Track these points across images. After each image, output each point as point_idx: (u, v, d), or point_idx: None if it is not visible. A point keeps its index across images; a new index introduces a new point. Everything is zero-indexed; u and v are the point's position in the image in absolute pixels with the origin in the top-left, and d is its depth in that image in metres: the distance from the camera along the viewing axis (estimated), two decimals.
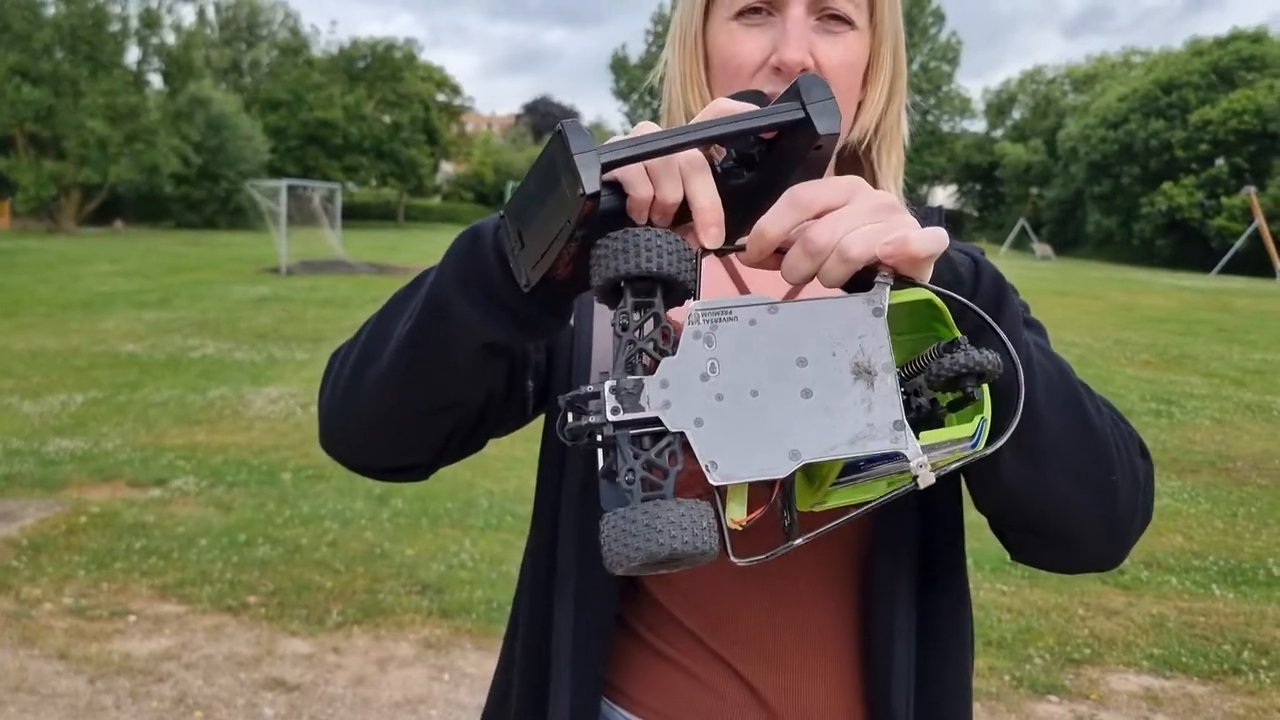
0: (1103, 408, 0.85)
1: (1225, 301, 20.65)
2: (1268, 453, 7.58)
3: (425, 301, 0.81)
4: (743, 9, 0.95)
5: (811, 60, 0.93)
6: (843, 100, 0.96)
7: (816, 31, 0.94)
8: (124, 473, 6.08)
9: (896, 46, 1.01)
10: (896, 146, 1.05)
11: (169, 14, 45.52)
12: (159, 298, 15.15)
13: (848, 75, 0.95)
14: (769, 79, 0.94)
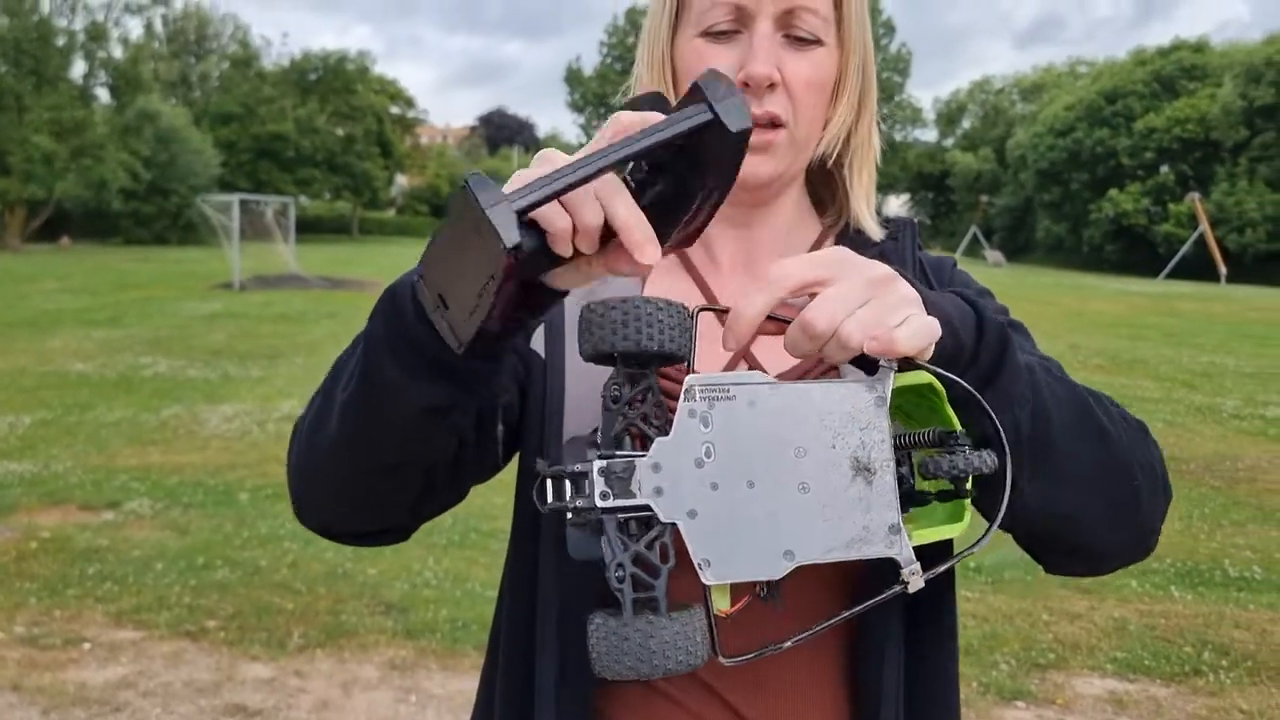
0: (1111, 410, 0.85)
1: (1172, 305, 21.08)
2: (1219, 454, 7.72)
3: (359, 367, 0.78)
4: (710, 26, 0.96)
5: (778, 75, 0.93)
6: (811, 116, 0.97)
7: (784, 48, 0.94)
8: (75, 496, 5.94)
9: (865, 63, 1.01)
10: (869, 164, 1.05)
11: (116, 27, 45.06)
12: (109, 315, 14.87)
13: (816, 92, 0.96)
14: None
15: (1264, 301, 23.22)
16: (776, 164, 0.97)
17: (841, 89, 1.00)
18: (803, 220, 1.08)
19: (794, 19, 0.93)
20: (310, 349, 11.96)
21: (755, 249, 1.05)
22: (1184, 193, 40.75)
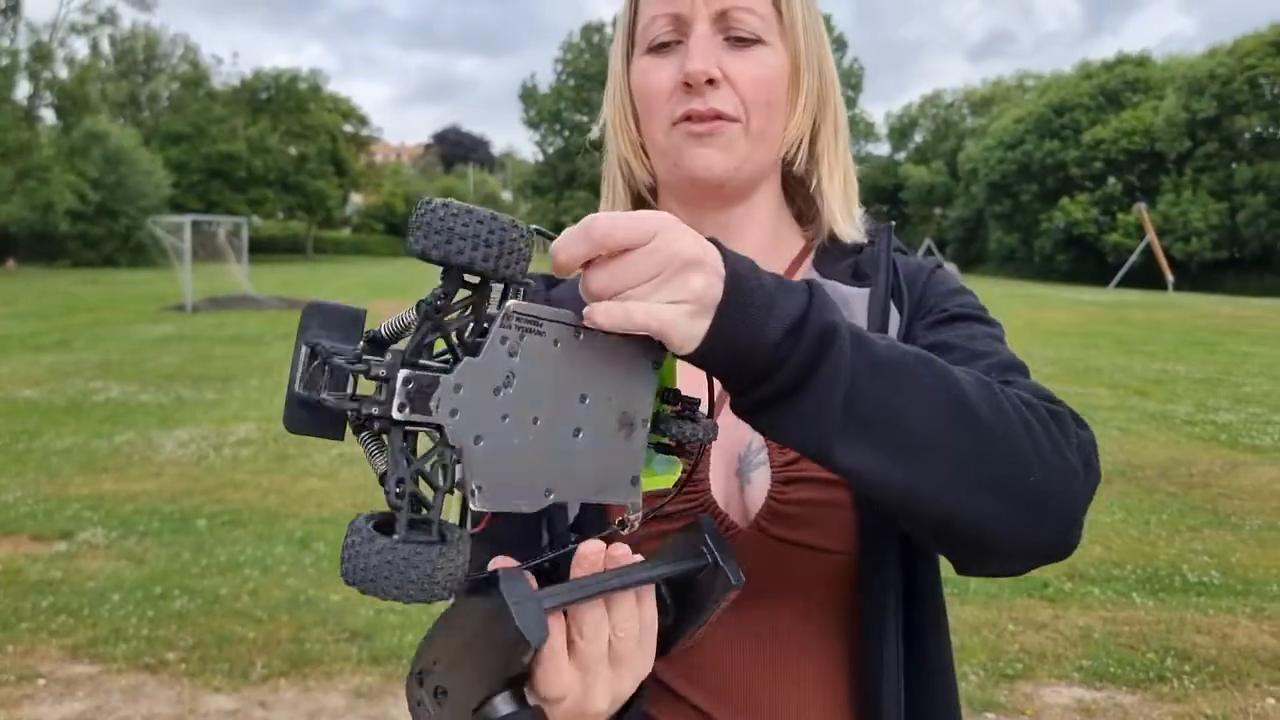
0: (1006, 402, 0.76)
1: (1123, 314, 21.47)
2: (1173, 460, 7.85)
3: None
4: (653, 41, 0.97)
5: (718, 71, 0.93)
6: (764, 113, 0.97)
7: (726, 49, 0.95)
8: (26, 526, 5.79)
9: (821, 66, 1.01)
10: (840, 169, 1.05)
11: (61, 47, 44.33)
12: (57, 339, 14.58)
13: (764, 89, 0.96)
14: (680, 99, 0.95)
15: (1210, 309, 23.72)
16: (729, 157, 0.96)
17: (796, 89, 1.00)
18: (782, 234, 1.07)
19: (730, 20, 0.95)
20: (265, 370, 11.80)
21: None
22: (1131, 203, 41.59)
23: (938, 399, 0.72)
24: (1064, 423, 0.79)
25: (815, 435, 0.70)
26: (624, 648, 0.70)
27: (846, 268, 1.02)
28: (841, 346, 0.69)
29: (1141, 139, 43.15)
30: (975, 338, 0.93)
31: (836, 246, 1.05)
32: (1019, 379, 0.85)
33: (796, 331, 0.68)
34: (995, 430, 0.73)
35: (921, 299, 0.99)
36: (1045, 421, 0.77)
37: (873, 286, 0.98)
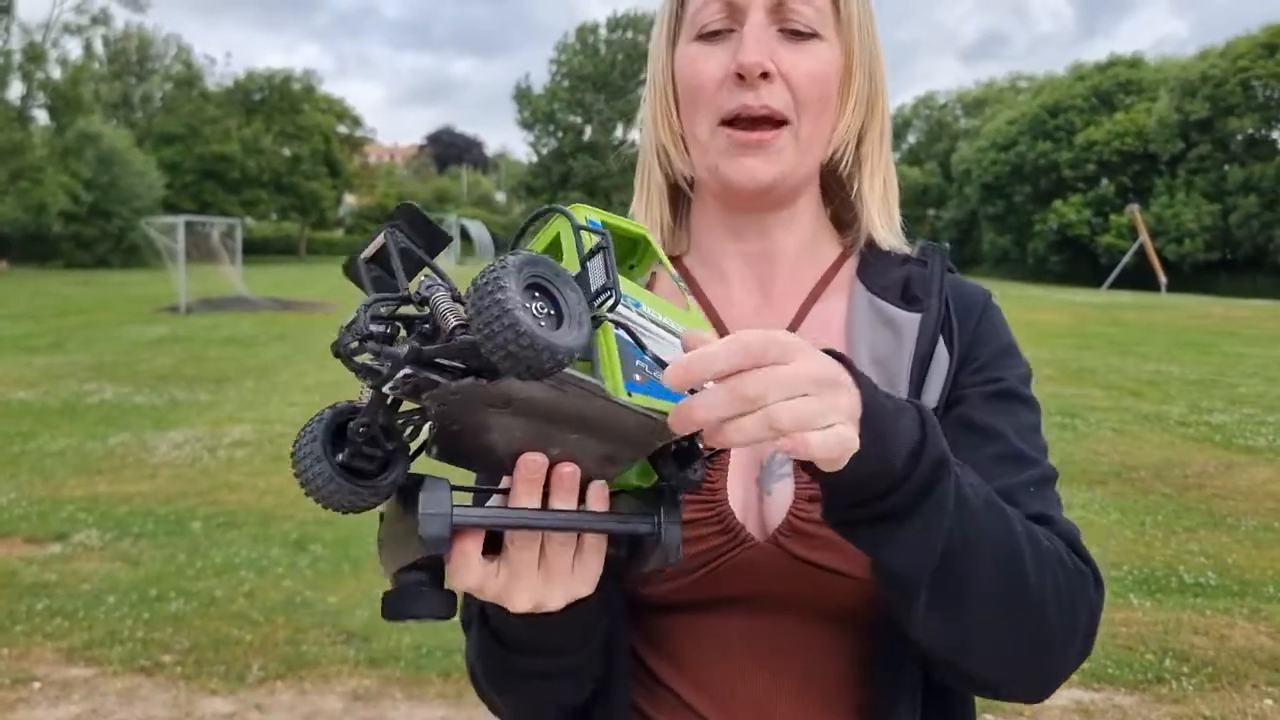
0: (1049, 555, 0.81)
1: (1116, 315, 21.51)
2: (1168, 461, 7.86)
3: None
4: (703, 28, 0.93)
5: (771, 65, 0.90)
6: (815, 114, 0.93)
7: (781, 41, 0.91)
8: (20, 528, 5.77)
9: (873, 67, 0.98)
10: (880, 174, 1.01)
11: (54, 48, 44.22)
12: (50, 341, 14.53)
13: (818, 85, 0.92)
14: (730, 91, 0.91)
15: (1203, 310, 23.78)
16: (779, 166, 0.92)
17: (848, 88, 0.96)
18: (820, 240, 1.03)
19: (787, 10, 0.91)
20: (260, 372, 11.77)
21: (770, 269, 1.01)
22: (1124, 204, 41.64)
23: (1000, 554, 0.77)
24: (1085, 587, 0.84)
25: (915, 562, 0.72)
26: (555, 565, 0.71)
27: (895, 285, 0.98)
28: (950, 478, 0.72)
29: (1134, 140, 43.22)
30: (1021, 430, 0.92)
31: (879, 257, 1.02)
32: (1055, 512, 0.88)
33: (917, 456, 0.71)
34: (1033, 596, 0.78)
35: (973, 345, 0.95)
36: (1071, 589, 0.81)
37: (924, 313, 0.94)
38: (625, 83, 59.98)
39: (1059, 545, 0.83)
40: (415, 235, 0.67)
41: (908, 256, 1.02)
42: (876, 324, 0.95)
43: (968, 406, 0.92)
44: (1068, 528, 0.87)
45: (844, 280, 1.01)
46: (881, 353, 0.93)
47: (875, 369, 0.91)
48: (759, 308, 0.99)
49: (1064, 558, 0.82)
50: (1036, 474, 0.89)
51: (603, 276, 0.66)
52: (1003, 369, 0.95)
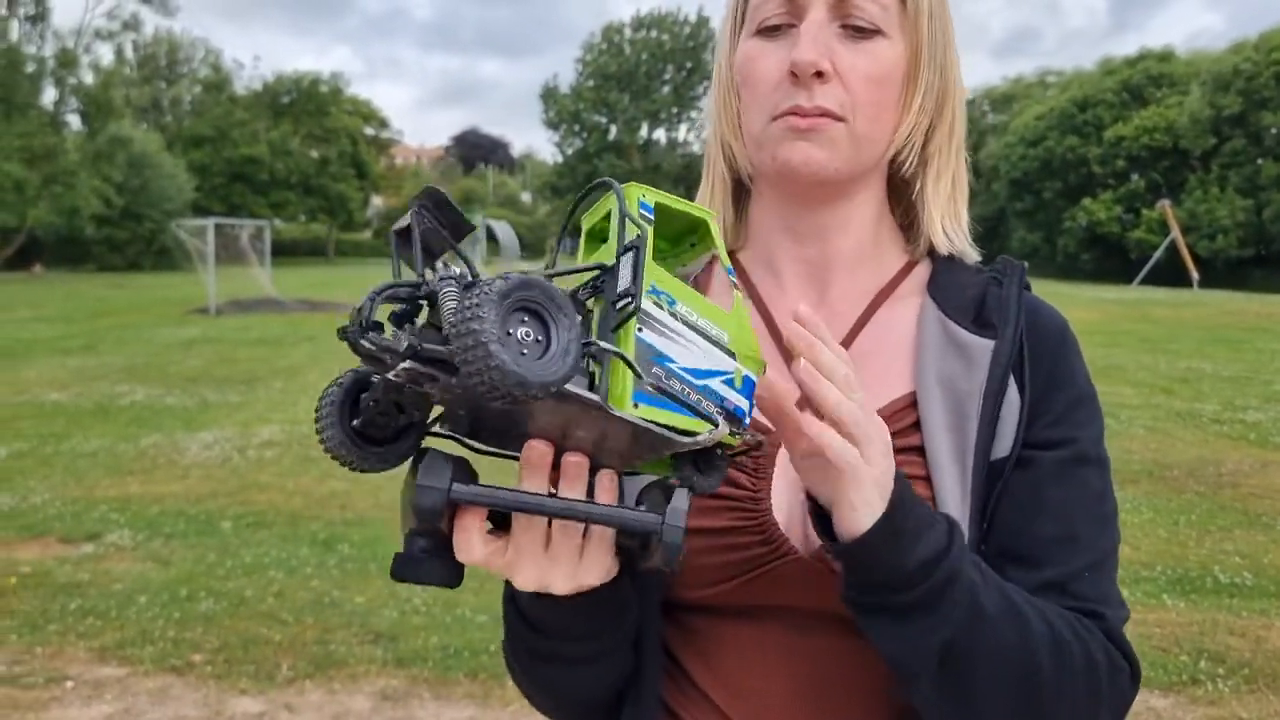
0: (1071, 669, 0.81)
1: (1147, 312, 21.26)
2: (1201, 459, 7.76)
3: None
4: (763, 22, 0.91)
5: (828, 64, 0.87)
6: (874, 113, 0.90)
7: (841, 39, 0.88)
8: (54, 529, 5.84)
9: (944, 62, 0.94)
10: (948, 174, 0.98)
11: (86, 53, 44.75)
12: (83, 343, 14.70)
13: (875, 87, 0.89)
14: (785, 90, 0.89)
15: (1237, 306, 23.46)
16: (830, 155, 0.89)
17: (913, 86, 0.92)
18: (883, 244, 1.00)
19: (850, 7, 0.88)
20: (289, 373, 11.85)
21: (826, 271, 0.98)
22: (1155, 200, 41.17)
23: (1014, 669, 0.79)
24: (1116, 686, 0.84)
25: (907, 661, 0.77)
26: (559, 550, 0.73)
27: (968, 306, 0.94)
28: (959, 598, 0.76)
29: (1164, 135, 42.72)
30: (1088, 502, 0.89)
31: (951, 269, 0.98)
32: (1109, 597, 0.88)
33: (931, 566, 0.75)
34: (1047, 705, 0.80)
35: (1048, 390, 0.91)
36: (1096, 694, 0.82)
37: (998, 341, 0.90)
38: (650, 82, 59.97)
39: (1095, 646, 0.83)
40: (441, 218, 0.67)
41: (981, 269, 0.98)
42: (946, 346, 0.91)
43: (1037, 473, 0.88)
44: (1116, 619, 0.87)
45: (910, 289, 0.98)
46: (951, 378, 0.90)
47: (944, 393, 0.89)
48: (815, 309, 0.97)
49: (1095, 660, 0.83)
50: (1095, 557, 0.88)
51: (629, 279, 0.66)
52: (1077, 426, 0.90)
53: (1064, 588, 0.85)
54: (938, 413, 0.88)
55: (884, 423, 0.75)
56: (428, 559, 0.71)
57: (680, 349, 0.68)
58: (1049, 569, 0.86)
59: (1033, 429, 0.89)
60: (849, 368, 0.73)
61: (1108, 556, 0.90)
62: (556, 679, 0.89)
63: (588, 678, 0.88)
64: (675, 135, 63.25)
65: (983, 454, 0.86)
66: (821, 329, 0.73)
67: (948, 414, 0.88)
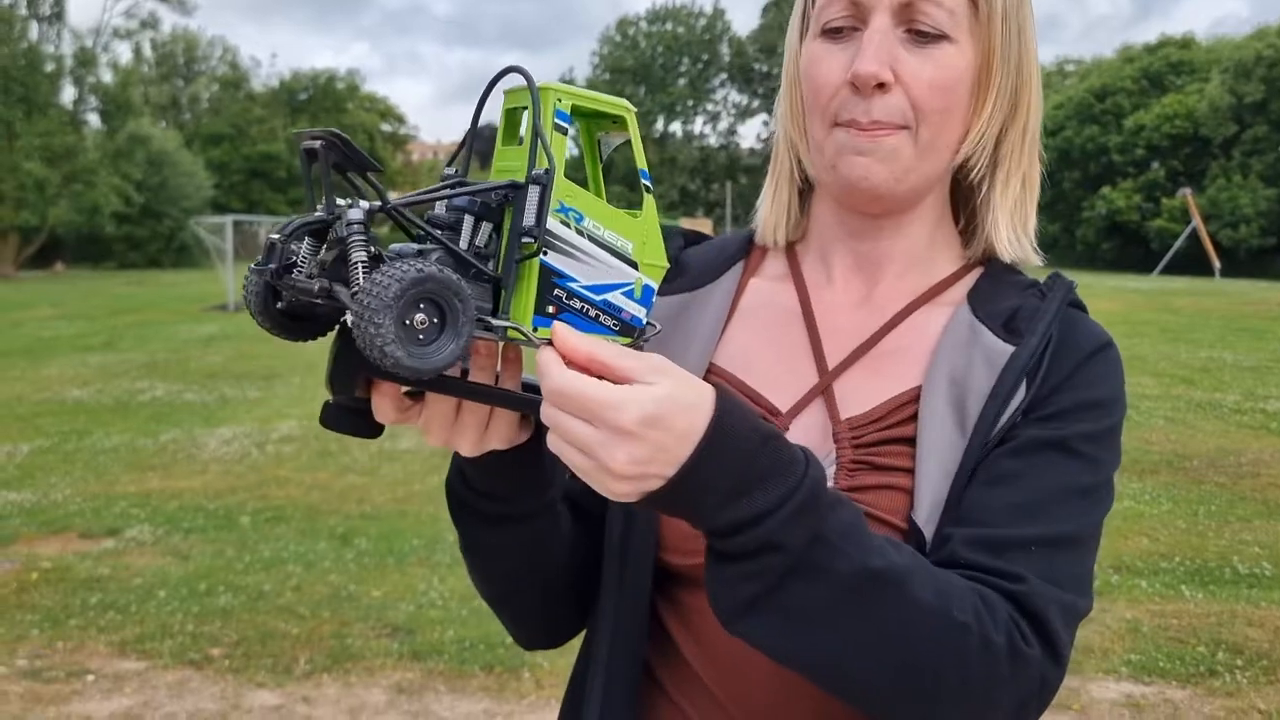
0: (953, 638, 0.74)
1: (1167, 301, 21.09)
2: (1221, 450, 7.70)
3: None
4: (827, 24, 0.89)
5: (889, 74, 0.85)
6: (935, 122, 0.88)
7: (906, 45, 0.86)
8: (75, 524, 5.90)
9: (1020, 61, 0.91)
10: (1018, 176, 0.95)
11: (104, 52, 45.02)
12: (104, 341, 14.82)
13: (940, 95, 0.87)
14: (845, 99, 0.88)
15: (1259, 295, 23.24)
16: (890, 169, 0.88)
17: (985, 92, 0.90)
18: (938, 249, 0.98)
19: (915, 12, 0.85)
20: (307, 368, 11.91)
21: (875, 268, 0.98)
22: (1175, 189, 40.81)
23: (878, 630, 0.73)
24: (1019, 667, 0.76)
25: (723, 599, 0.75)
26: (466, 420, 0.79)
27: (1005, 312, 0.91)
28: (775, 562, 0.71)
29: (1185, 123, 42.32)
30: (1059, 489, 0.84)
31: (1000, 281, 0.96)
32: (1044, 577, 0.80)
33: (744, 530, 0.71)
34: (922, 668, 0.75)
35: (1055, 391, 0.87)
36: (994, 672, 0.75)
37: (1019, 347, 0.88)
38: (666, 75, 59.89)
39: (994, 625, 0.76)
40: (349, 153, 0.68)
41: (1031, 282, 0.96)
42: (970, 347, 0.90)
43: (1010, 447, 0.85)
44: (1048, 595, 0.79)
45: (955, 295, 0.96)
46: (963, 376, 0.88)
47: (951, 389, 0.88)
48: (855, 306, 0.98)
49: (991, 640, 0.75)
50: (1048, 534, 0.82)
51: (533, 217, 0.69)
52: (1070, 422, 0.86)
53: (998, 548, 0.80)
54: (940, 408, 0.87)
55: (648, 405, 0.68)
56: (351, 414, 0.78)
57: (584, 267, 0.72)
58: (990, 529, 0.81)
59: (1024, 420, 0.86)
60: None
61: (1068, 541, 0.83)
62: (480, 538, 0.93)
63: (507, 541, 0.92)
64: (691, 128, 63.20)
65: (975, 451, 0.85)
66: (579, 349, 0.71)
67: (950, 409, 0.87)
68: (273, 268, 0.69)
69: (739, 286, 1.03)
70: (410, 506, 6.15)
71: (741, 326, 1.00)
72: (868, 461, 0.88)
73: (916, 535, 0.83)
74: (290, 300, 0.72)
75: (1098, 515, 0.86)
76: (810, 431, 0.91)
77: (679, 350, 0.97)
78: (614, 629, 0.94)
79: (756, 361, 0.97)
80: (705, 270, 1.04)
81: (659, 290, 0.93)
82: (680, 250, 1.07)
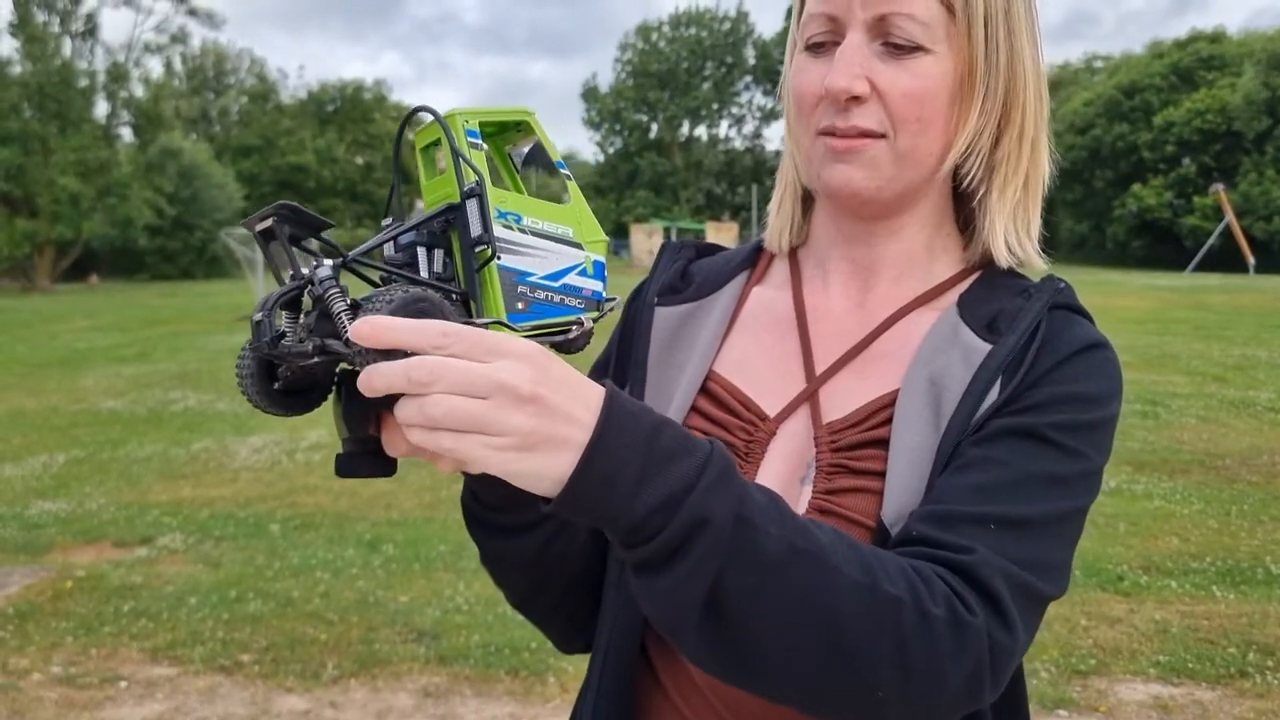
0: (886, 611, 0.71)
1: (1201, 299, 20.85)
2: (1255, 448, 7.60)
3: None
4: (809, 39, 0.92)
5: (865, 86, 0.86)
6: (913, 131, 0.88)
7: (882, 57, 0.87)
8: (109, 533, 5.99)
9: (1011, 64, 0.91)
10: (1018, 178, 0.95)
11: (136, 67, 45.69)
12: (138, 352, 15.03)
13: (916, 105, 0.88)
14: (825, 109, 0.89)
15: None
16: (871, 175, 0.89)
17: (969, 99, 0.90)
18: (936, 254, 0.99)
19: (889, 26, 0.86)
20: None
21: (871, 273, 0.99)
22: (1207, 185, 40.34)
23: (802, 620, 0.69)
24: (962, 637, 0.73)
25: (666, 615, 0.70)
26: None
27: (990, 313, 0.92)
28: (712, 541, 0.67)
29: (1216, 118, 41.82)
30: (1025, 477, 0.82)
31: (1002, 283, 0.96)
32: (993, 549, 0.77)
33: (667, 511, 0.67)
34: (857, 663, 0.70)
35: (1032, 387, 0.86)
36: (935, 647, 0.71)
37: (995, 345, 0.88)
38: (690, 79, 59.86)
39: (931, 598, 0.73)
40: (301, 221, 0.71)
41: (1025, 285, 0.95)
42: (950, 347, 0.90)
43: (978, 437, 0.84)
44: (983, 559, 0.76)
45: (950, 299, 0.96)
46: (941, 375, 0.88)
47: (929, 389, 0.88)
48: (850, 310, 0.99)
49: (929, 613, 0.72)
50: (1010, 514, 0.80)
51: (479, 226, 0.73)
52: (1044, 413, 0.84)
53: (952, 522, 0.78)
54: (915, 405, 0.88)
55: (523, 349, 0.66)
56: (364, 458, 0.77)
57: (536, 260, 0.77)
58: (946, 505, 0.79)
59: (999, 413, 0.85)
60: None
61: (1033, 525, 0.80)
62: (497, 550, 0.96)
63: (523, 550, 0.95)
64: (716, 131, 63.16)
65: (948, 449, 0.85)
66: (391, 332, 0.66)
67: (926, 408, 0.87)
68: (266, 340, 0.71)
69: (742, 295, 1.04)
70: (437, 513, 6.20)
71: (741, 334, 1.02)
72: (844, 465, 0.88)
73: (884, 535, 0.83)
74: (286, 376, 0.74)
75: (1070, 505, 0.83)
76: (796, 436, 0.92)
77: (681, 358, 0.99)
78: (612, 628, 0.96)
79: (752, 368, 0.98)
80: (711, 280, 1.06)
81: (666, 303, 0.93)
82: (691, 262, 1.09)
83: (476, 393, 0.63)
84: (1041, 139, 0.96)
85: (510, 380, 0.63)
